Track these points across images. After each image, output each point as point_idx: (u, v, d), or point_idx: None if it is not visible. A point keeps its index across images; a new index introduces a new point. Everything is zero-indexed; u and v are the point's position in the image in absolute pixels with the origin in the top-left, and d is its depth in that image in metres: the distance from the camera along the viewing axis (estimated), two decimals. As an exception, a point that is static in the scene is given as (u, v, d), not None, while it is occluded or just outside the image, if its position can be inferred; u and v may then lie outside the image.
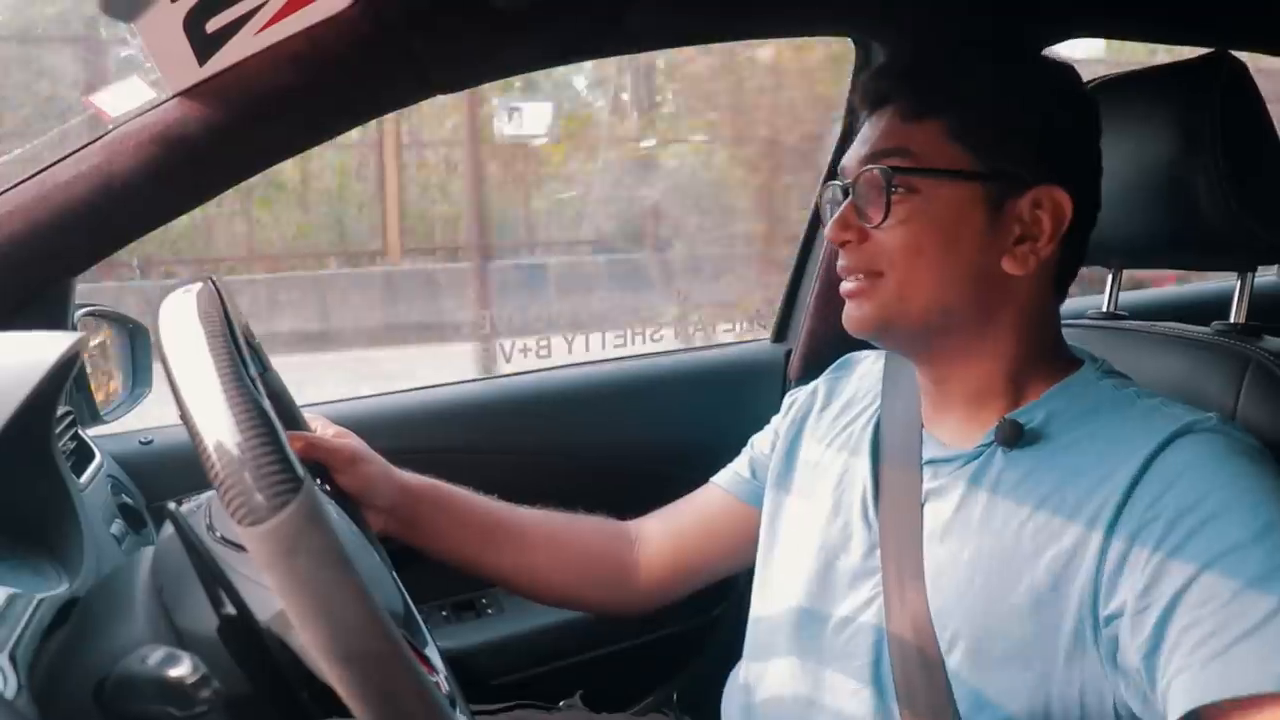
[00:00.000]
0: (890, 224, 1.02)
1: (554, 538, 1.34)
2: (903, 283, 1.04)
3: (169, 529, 0.91)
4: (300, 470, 0.67)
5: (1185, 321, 1.29)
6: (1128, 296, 1.43)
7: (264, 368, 1.13)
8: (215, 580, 0.77)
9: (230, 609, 0.75)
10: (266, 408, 0.69)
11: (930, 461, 1.10)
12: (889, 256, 1.04)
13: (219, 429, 0.67)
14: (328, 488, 1.15)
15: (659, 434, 1.77)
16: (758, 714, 1.19)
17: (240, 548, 0.81)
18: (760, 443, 1.37)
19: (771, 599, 1.22)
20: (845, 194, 1.07)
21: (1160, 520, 0.91)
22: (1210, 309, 1.31)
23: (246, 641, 0.73)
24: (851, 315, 1.08)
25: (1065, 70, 1.09)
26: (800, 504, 1.23)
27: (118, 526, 1.15)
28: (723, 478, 1.38)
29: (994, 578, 1.00)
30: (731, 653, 1.30)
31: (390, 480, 1.23)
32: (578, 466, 1.69)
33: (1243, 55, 1.25)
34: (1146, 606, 0.90)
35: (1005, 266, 1.03)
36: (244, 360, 0.75)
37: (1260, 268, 1.30)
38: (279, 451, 0.66)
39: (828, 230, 1.08)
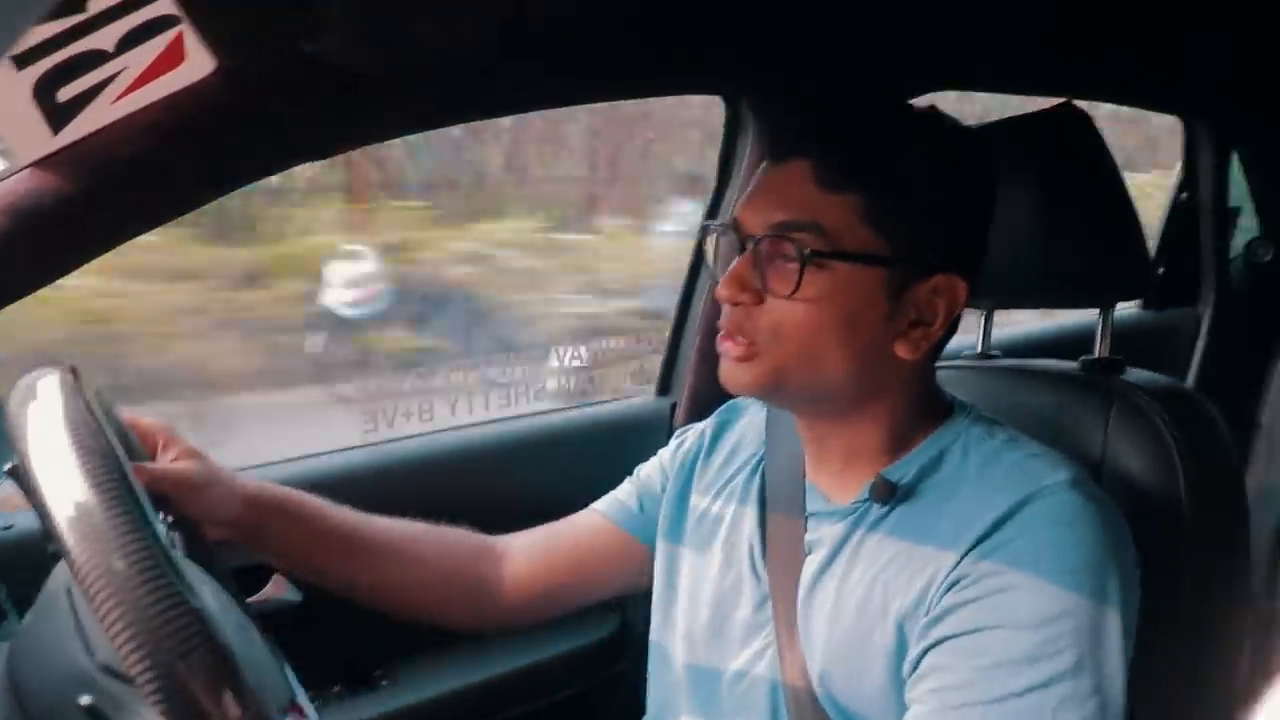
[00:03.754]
0: (795, 297, 1.00)
1: (412, 550, 1.28)
2: (795, 355, 1.02)
3: (30, 617, 0.86)
4: (202, 612, 0.64)
5: (1055, 356, 1.34)
6: (999, 335, 1.47)
7: (106, 409, 1.07)
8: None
9: None
10: (163, 544, 0.66)
11: (813, 514, 1.11)
12: (786, 328, 1.02)
13: (108, 570, 0.63)
14: (170, 518, 1.09)
15: (546, 493, 1.73)
16: None
17: (128, 680, 0.76)
18: (648, 477, 1.34)
19: (670, 655, 1.21)
20: (743, 247, 1.05)
21: (975, 574, 0.95)
22: (1076, 343, 1.36)
23: None
24: (733, 377, 1.06)
25: (978, 146, 1.09)
26: (693, 559, 1.22)
27: None
28: (604, 505, 1.35)
29: (851, 633, 1.02)
30: (634, 710, 1.29)
31: (233, 496, 1.15)
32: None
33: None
34: (925, 638, 0.96)
35: (898, 350, 1.03)
36: (129, 478, 0.70)
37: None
38: (177, 599, 0.63)
39: (721, 288, 1.05)
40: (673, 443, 1.35)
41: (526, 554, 1.33)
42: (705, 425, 1.33)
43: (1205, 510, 1.13)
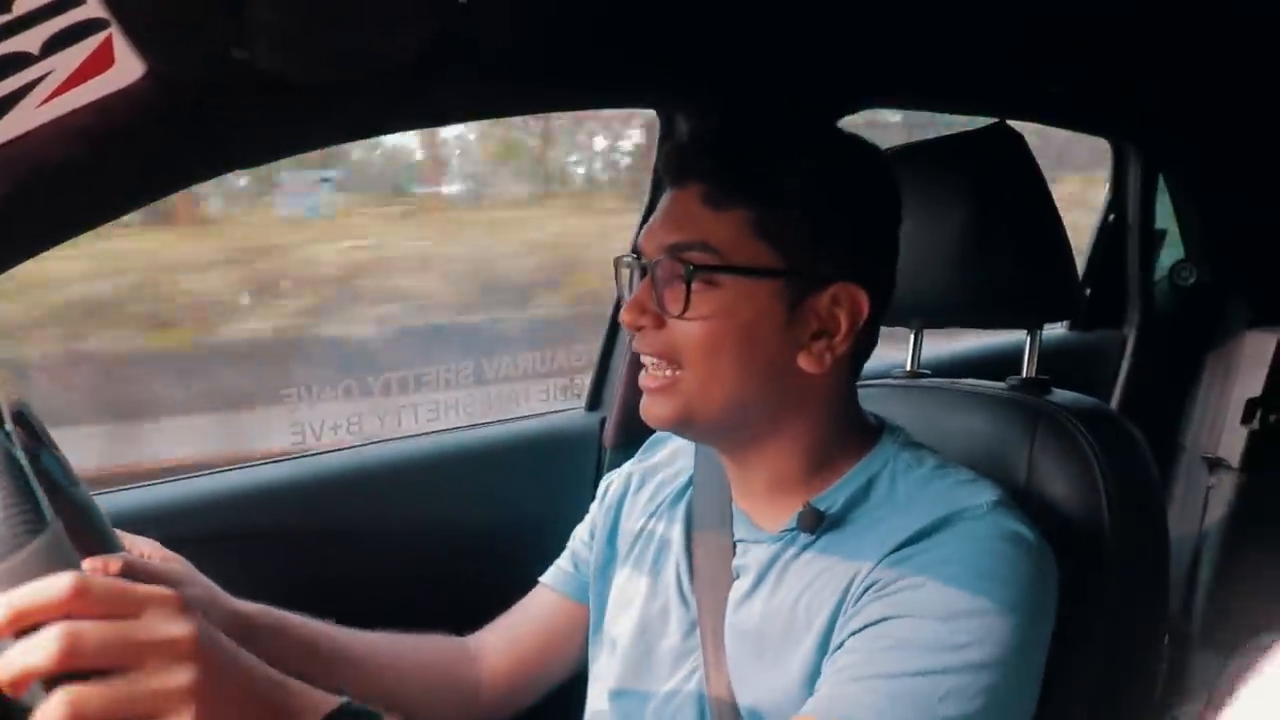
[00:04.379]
0: (689, 316, 1.02)
1: (393, 661, 1.29)
2: (702, 378, 1.03)
3: None
4: (48, 513, 0.64)
5: (983, 376, 1.36)
6: (929, 354, 1.49)
7: (70, 482, 1.06)
8: None
9: None
10: (15, 452, 0.67)
11: (740, 540, 1.12)
12: (687, 350, 1.03)
13: None
14: None
15: (475, 507, 1.73)
16: None
17: None
18: (580, 534, 1.36)
19: (599, 681, 1.21)
20: (644, 272, 1.07)
21: (891, 575, 0.97)
22: (1006, 362, 1.38)
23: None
24: (651, 412, 1.07)
25: (874, 158, 1.10)
26: (621, 585, 1.23)
27: None
28: (550, 577, 1.36)
29: (778, 654, 1.03)
30: None
31: (218, 606, 1.15)
32: (393, 545, 1.64)
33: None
34: (838, 636, 0.98)
35: (801, 364, 1.04)
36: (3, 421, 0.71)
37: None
38: (22, 490, 0.64)
39: (623, 314, 1.07)
40: (599, 491, 1.36)
41: (495, 651, 1.34)
42: (629, 466, 1.34)
43: (1126, 530, 1.15)
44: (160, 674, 0.64)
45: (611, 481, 1.35)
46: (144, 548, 1.16)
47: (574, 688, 1.31)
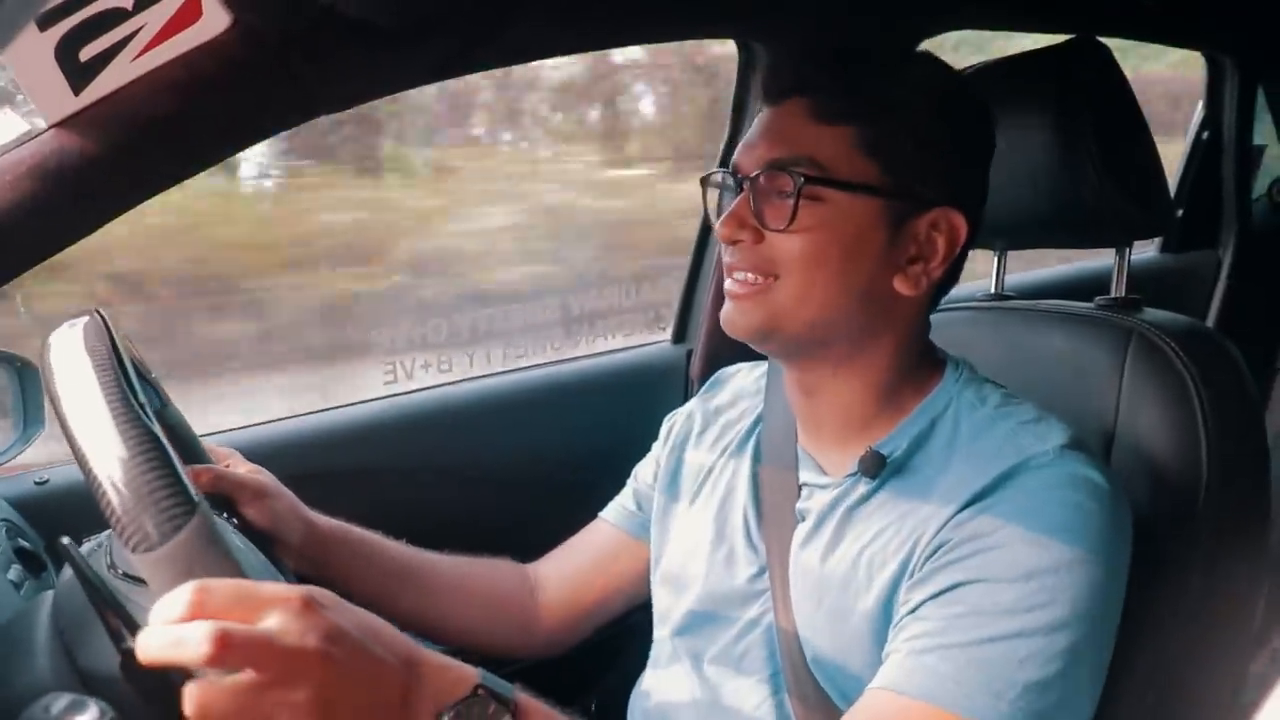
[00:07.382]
0: (794, 229, 1.00)
1: (457, 582, 1.33)
2: (796, 291, 1.02)
3: (69, 570, 0.89)
4: (195, 494, 0.66)
5: (1069, 299, 1.33)
6: (1012, 279, 1.47)
7: (162, 403, 1.11)
8: (115, 613, 0.75)
9: (131, 643, 0.74)
10: (157, 433, 0.69)
11: (805, 484, 1.12)
12: (785, 262, 1.02)
13: (108, 457, 0.66)
14: (235, 521, 1.13)
15: (564, 443, 1.76)
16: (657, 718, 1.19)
17: (142, 582, 0.79)
18: (643, 473, 1.37)
19: (664, 620, 1.23)
20: (739, 189, 1.05)
21: (958, 537, 0.95)
22: (1092, 286, 1.35)
23: (149, 676, 0.71)
24: (733, 319, 1.06)
25: (969, 90, 1.09)
26: (687, 525, 1.24)
27: (15, 572, 1.12)
28: (610, 513, 1.38)
29: (836, 605, 1.03)
30: (638, 660, 1.31)
31: (299, 518, 1.21)
32: (484, 482, 1.67)
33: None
34: (907, 603, 0.96)
35: (897, 286, 1.03)
36: (135, 392, 0.73)
37: (1138, 244, 1.35)
38: (170, 476, 0.66)
39: (719, 227, 1.06)
40: (662, 430, 1.36)
41: (556, 583, 1.37)
42: (692, 405, 1.34)
43: (1225, 455, 1.11)
44: (279, 688, 0.66)
45: (675, 420, 1.35)
46: (228, 458, 1.23)
47: (639, 625, 1.33)
